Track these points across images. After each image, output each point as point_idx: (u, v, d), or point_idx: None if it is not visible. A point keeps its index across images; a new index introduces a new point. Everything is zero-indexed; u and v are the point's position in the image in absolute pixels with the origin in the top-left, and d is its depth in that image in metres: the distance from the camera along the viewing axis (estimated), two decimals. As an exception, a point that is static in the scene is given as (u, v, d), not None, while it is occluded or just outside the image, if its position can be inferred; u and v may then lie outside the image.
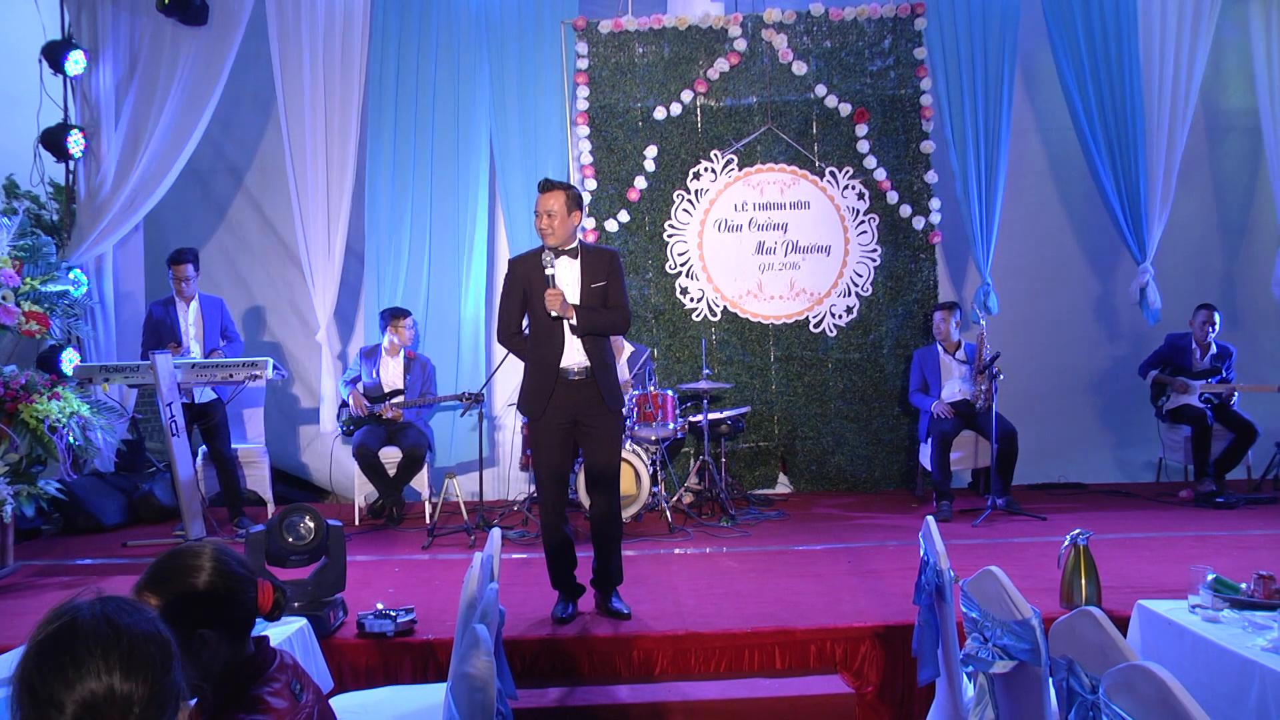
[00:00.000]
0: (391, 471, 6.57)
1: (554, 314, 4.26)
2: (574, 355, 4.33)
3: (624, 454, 6.13)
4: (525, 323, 4.51)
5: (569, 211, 4.32)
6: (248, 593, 1.94)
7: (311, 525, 3.90)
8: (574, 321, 4.29)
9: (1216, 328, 7.04)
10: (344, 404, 6.76)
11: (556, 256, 4.34)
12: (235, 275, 7.91)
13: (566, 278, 4.36)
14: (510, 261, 4.53)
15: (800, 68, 7.43)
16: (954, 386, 6.83)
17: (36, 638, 1.42)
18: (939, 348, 6.94)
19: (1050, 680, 2.30)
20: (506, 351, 6.81)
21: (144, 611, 1.49)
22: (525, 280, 4.38)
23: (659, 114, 7.45)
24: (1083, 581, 4.05)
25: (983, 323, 6.76)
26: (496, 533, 3.22)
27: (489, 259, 7.52)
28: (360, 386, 6.70)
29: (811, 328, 7.52)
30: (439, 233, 7.42)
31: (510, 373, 7.51)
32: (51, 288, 5.86)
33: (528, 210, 7.34)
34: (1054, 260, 8.01)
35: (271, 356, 6.31)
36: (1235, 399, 7.02)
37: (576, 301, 4.33)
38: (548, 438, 4.36)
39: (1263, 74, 7.51)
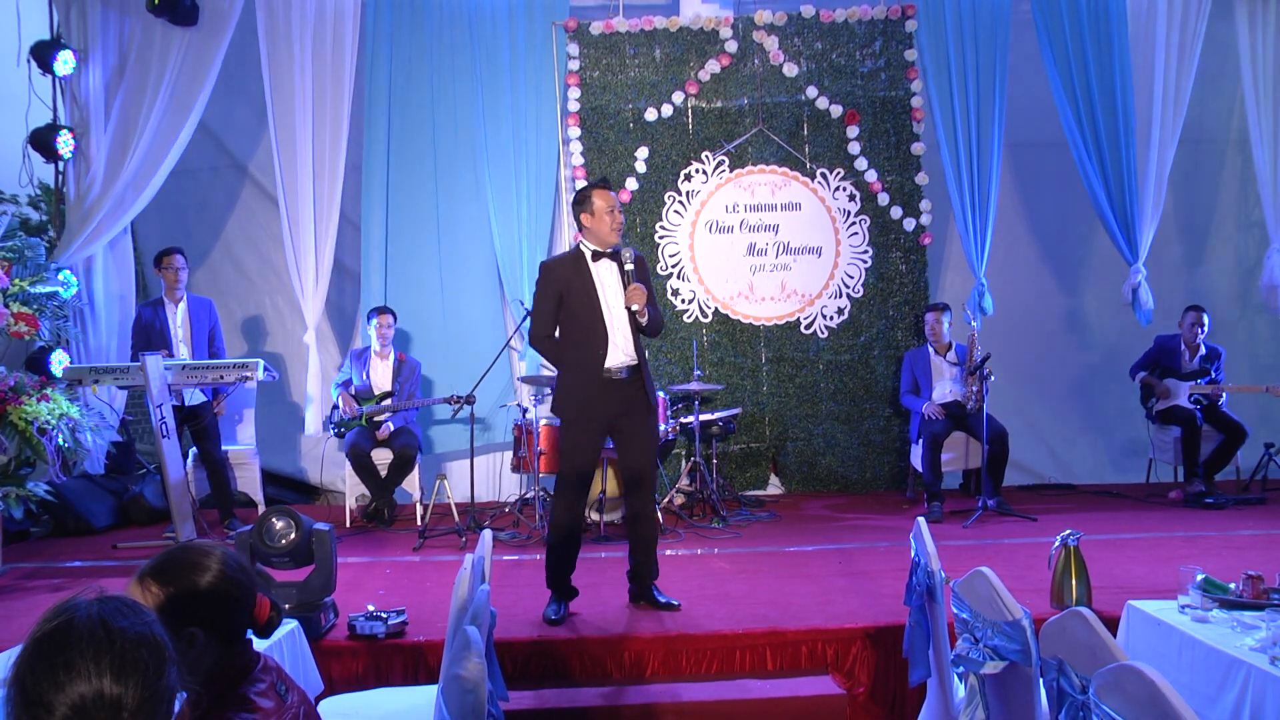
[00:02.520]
0: (383, 472, 6.58)
1: (634, 308, 4.25)
2: (619, 355, 4.32)
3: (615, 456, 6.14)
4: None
5: None
6: (246, 602, 1.94)
7: (283, 525, 3.83)
8: (645, 320, 4.29)
9: (1206, 329, 7.06)
10: (336, 406, 6.76)
11: (596, 259, 4.35)
12: (235, 279, 7.89)
13: (609, 279, 4.35)
14: (543, 265, 4.50)
15: (791, 69, 7.44)
16: (945, 388, 6.84)
17: (34, 636, 1.42)
18: (930, 349, 6.96)
19: (1041, 681, 2.31)
20: (500, 352, 6.88)
21: (143, 614, 1.48)
22: (563, 282, 4.35)
23: (650, 115, 7.46)
24: (1073, 582, 4.07)
25: (974, 324, 6.77)
26: (488, 534, 3.22)
27: (484, 258, 7.51)
28: (351, 389, 6.70)
29: (802, 329, 7.53)
30: (430, 233, 7.41)
31: (499, 374, 7.53)
32: (40, 289, 5.84)
33: (517, 211, 7.36)
34: (1043, 261, 8.04)
35: (269, 360, 6.29)
36: (1224, 400, 7.05)
37: (621, 302, 4.32)
38: (583, 439, 4.35)
39: (1249, 79, 7.54)
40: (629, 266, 4.30)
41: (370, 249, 7.36)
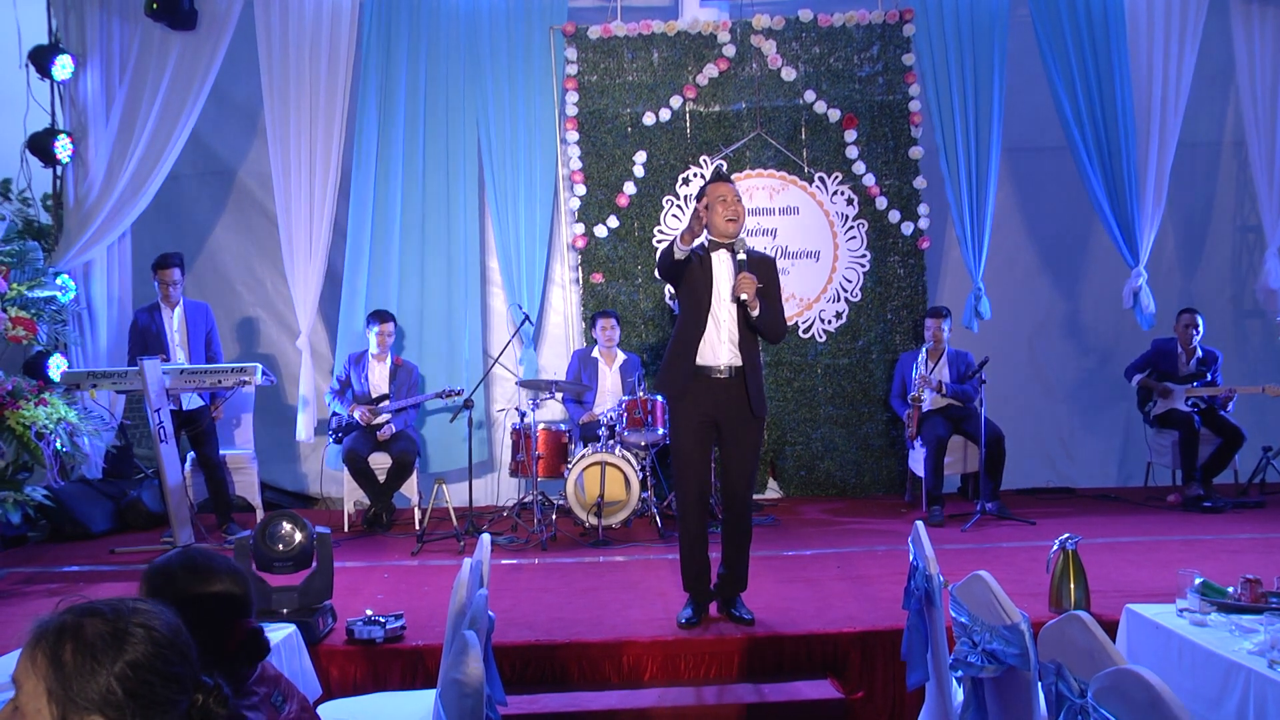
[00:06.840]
0: (381, 478, 6.57)
1: (743, 298, 4.14)
2: (714, 353, 4.26)
3: (613, 460, 6.13)
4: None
5: None
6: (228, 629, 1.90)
7: (292, 530, 3.87)
8: (755, 311, 4.18)
9: (1200, 331, 7.06)
10: (335, 414, 6.74)
11: (714, 250, 4.29)
12: (222, 285, 7.86)
13: (722, 274, 4.27)
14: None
15: (789, 73, 7.44)
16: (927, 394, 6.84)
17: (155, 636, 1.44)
18: (922, 353, 6.94)
19: (1039, 685, 2.31)
20: (498, 356, 6.88)
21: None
22: (686, 265, 4.26)
23: (648, 119, 7.46)
24: (1071, 586, 4.07)
25: (974, 328, 6.76)
26: (486, 539, 3.22)
27: (481, 262, 7.52)
28: (350, 393, 6.69)
29: (801, 333, 7.53)
30: (428, 236, 7.40)
31: (504, 380, 7.53)
32: (39, 293, 5.84)
33: (517, 214, 7.35)
34: (1042, 264, 8.04)
35: (265, 365, 6.29)
36: (1232, 404, 7.01)
37: (728, 296, 4.24)
38: (687, 436, 4.29)
39: (1245, 80, 7.55)
40: (740, 256, 4.20)
41: (361, 254, 7.32)
